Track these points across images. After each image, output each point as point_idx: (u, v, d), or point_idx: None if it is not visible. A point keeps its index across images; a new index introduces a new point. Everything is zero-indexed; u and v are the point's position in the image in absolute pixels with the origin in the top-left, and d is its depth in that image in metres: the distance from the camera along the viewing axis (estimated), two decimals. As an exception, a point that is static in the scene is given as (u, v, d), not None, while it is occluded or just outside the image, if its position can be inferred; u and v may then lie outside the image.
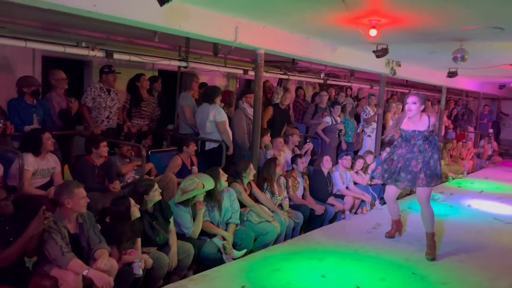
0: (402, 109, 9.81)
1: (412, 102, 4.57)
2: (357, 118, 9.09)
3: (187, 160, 5.47)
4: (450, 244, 5.15)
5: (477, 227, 6.00)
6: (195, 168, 5.47)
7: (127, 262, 3.50)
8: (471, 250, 4.97)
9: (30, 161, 4.10)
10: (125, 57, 5.92)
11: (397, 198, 5.63)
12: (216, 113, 5.72)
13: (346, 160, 6.94)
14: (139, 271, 3.48)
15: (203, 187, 4.35)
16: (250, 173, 5.20)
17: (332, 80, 9.72)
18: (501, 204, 7.47)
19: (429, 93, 13.23)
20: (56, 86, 5.33)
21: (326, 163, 6.55)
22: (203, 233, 4.50)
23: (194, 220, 4.40)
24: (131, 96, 6.21)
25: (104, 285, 3.14)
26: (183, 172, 5.26)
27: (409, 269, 4.30)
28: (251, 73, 7.41)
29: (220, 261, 4.35)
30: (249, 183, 5.30)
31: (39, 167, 4.20)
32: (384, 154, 7.91)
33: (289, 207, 5.82)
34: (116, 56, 5.73)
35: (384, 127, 9.11)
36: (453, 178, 9.75)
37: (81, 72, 6.77)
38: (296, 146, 7.02)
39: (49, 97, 5.29)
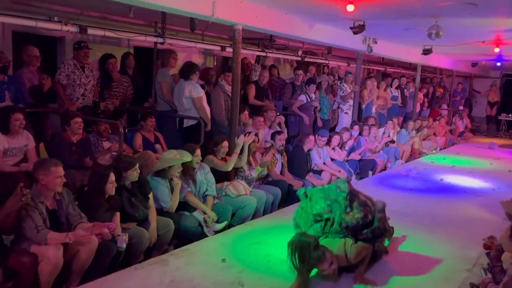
0: (378, 86, 10.06)
1: None
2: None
3: (148, 134, 5.45)
4: (423, 216, 5.33)
5: (448, 200, 6.22)
6: (158, 146, 5.45)
7: (102, 232, 3.48)
8: (442, 221, 5.16)
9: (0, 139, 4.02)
10: (100, 32, 5.78)
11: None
12: (192, 89, 5.67)
13: (320, 141, 7.02)
14: (123, 245, 3.50)
15: (181, 158, 4.39)
16: (221, 149, 5.26)
17: (310, 58, 9.74)
18: (472, 178, 7.74)
19: (405, 71, 13.42)
20: (28, 62, 5.17)
21: (309, 143, 6.64)
22: (183, 207, 4.54)
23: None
24: (101, 76, 6.08)
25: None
26: (147, 147, 5.27)
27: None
28: (229, 50, 7.35)
29: (201, 235, 4.42)
30: (224, 159, 5.35)
31: (10, 146, 4.11)
32: (353, 132, 8.07)
33: (267, 183, 5.92)
34: (90, 31, 5.59)
35: (360, 105, 9.25)
36: (426, 154, 10.04)
37: (53, 49, 6.58)
38: (272, 121, 7.07)
39: (20, 73, 5.14)
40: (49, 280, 3.16)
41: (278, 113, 7.45)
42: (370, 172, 7.79)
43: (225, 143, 5.31)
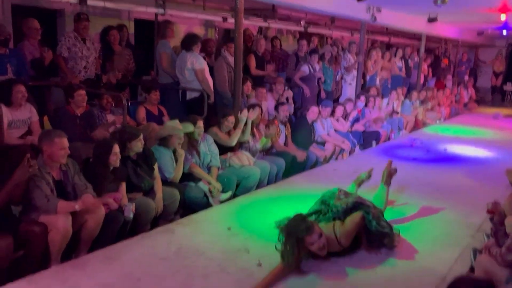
0: (383, 57, 9.94)
1: None
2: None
3: (152, 107, 5.42)
4: (426, 184, 5.35)
5: (452, 169, 6.24)
6: (166, 118, 5.43)
7: (108, 202, 3.51)
8: (446, 190, 5.17)
9: (3, 112, 4.02)
10: (100, 3, 5.70)
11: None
12: (194, 61, 5.63)
13: (324, 111, 7.00)
14: (130, 214, 3.55)
15: (182, 129, 4.43)
16: (224, 123, 5.24)
17: (313, 28, 9.60)
18: (476, 148, 7.73)
19: (409, 41, 13.24)
20: (29, 35, 5.14)
21: (312, 114, 6.62)
22: (188, 179, 4.59)
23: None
24: (102, 49, 6.02)
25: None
26: (151, 121, 5.24)
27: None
28: (231, 20, 7.26)
29: (206, 205, 4.47)
30: (228, 133, 5.35)
31: (13, 119, 4.13)
32: (360, 103, 8.03)
33: (271, 154, 5.95)
34: (90, 2, 5.51)
35: (364, 75, 9.17)
36: (430, 125, 10.00)
37: (53, 22, 6.51)
38: (280, 95, 7.04)
39: (21, 46, 5.11)
40: (59, 249, 3.22)
41: (286, 87, 7.39)
42: (374, 143, 7.79)
43: (231, 118, 5.29)
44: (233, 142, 5.26)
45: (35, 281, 2.86)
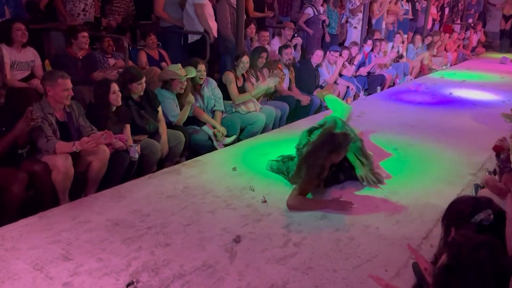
0: (391, 1, 9.61)
1: None
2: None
3: (152, 52, 5.35)
4: (429, 127, 5.35)
5: (457, 112, 6.22)
6: (164, 64, 5.35)
7: (113, 143, 3.51)
8: (450, 131, 5.18)
9: (5, 52, 3.96)
10: None
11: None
12: (194, -5, 5.48)
13: (332, 56, 6.87)
14: (135, 155, 3.59)
15: (185, 74, 4.38)
16: (240, 64, 5.15)
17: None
18: (481, 91, 7.66)
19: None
20: (23, -25, 4.97)
21: (316, 58, 6.51)
22: (193, 122, 4.59)
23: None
24: None
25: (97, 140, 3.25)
26: (152, 65, 5.17)
27: (391, 147, 4.51)
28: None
29: (211, 149, 4.51)
30: (243, 75, 5.29)
31: (17, 60, 4.07)
32: (366, 47, 7.87)
33: (275, 98, 5.91)
34: None
35: (370, 19, 8.92)
36: (436, 70, 9.85)
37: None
38: (288, 40, 6.89)
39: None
40: (63, 188, 3.25)
41: (296, 35, 7.19)
42: (379, 88, 7.72)
43: (245, 58, 5.18)
44: (238, 101, 5.13)
45: (47, 217, 2.93)
